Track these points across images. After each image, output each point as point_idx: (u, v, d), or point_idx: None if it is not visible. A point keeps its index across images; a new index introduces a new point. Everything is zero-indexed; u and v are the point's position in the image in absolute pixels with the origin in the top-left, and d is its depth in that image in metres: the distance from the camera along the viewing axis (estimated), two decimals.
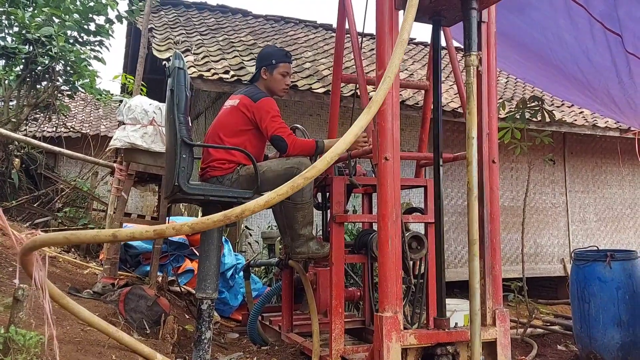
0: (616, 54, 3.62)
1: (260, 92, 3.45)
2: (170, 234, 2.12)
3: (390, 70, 2.34)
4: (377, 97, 2.32)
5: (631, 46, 3.48)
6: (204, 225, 2.08)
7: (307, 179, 2.19)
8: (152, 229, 2.01)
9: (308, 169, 2.20)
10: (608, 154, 9.18)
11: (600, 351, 3.89)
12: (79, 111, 13.96)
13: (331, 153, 2.23)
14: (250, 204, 2.10)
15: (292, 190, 2.15)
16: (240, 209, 2.07)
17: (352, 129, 2.27)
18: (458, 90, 3.54)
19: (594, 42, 3.61)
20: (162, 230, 2.08)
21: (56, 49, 6.18)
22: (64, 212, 6.37)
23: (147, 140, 3.94)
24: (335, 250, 3.24)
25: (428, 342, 2.70)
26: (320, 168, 2.21)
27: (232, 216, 2.06)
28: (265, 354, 3.62)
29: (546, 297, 7.76)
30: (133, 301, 3.40)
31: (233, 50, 7.55)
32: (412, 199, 7.16)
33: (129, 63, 9.98)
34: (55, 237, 2.13)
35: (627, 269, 3.94)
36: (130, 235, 2.07)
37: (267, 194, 2.14)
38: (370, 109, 2.30)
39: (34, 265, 2.04)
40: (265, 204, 2.11)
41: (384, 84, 2.33)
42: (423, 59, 9.72)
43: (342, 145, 2.25)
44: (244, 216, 2.10)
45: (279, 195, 2.12)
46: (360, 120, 2.28)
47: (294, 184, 2.14)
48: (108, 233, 2.07)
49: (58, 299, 2.31)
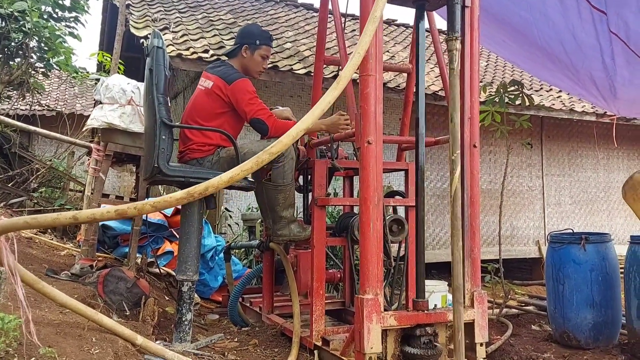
0: (601, 33, 3.64)
1: (235, 72, 3.39)
2: (132, 214, 2.10)
3: (360, 47, 2.33)
4: (345, 73, 2.32)
5: (614, 26, 3.50)
6: (167, 203, 2.06)
7: (273, 154, 2.19)
8: (113, 209, 1.98)
9: (273, 144, 2.20)
10: (584, 138, 9.33)
11: (574, 331, 4.00)
12: (53, 89, 13.63)
13: (296, 128, 2.23)
14: (214, 180, 2.09)
15: (257, 166, 2.15)
16: (203, 185, 2.05)
17: (319, 104, 2.27)
18: (440, 73, 3.54)
19: (580, 20, 3.61)
20: (124, 210, 2.06)
21: (30, 25, 6.00)
22: (39, 193, 6.26)
23: (125, 120, 3.87)
24: (316, 233, 3.25)
25: (408, 324, 2.75)
26: (286, 142, 2.21)
27: (195, 193, 2.04)
28: (246, 335, 3.63)
29: (521, 278, 7.93)
30: (112, 283, 3.37)
31: (212, 28, 7.43)
32: (392, 182, 7.21)
33: (105, 40, 9.76)
34: (16, 222, 2.09)
35: (601, 252, 4.03)
36: (91, 216, 2.04)
37: (231, 170, 2.13)
38: (338, 84, 2.29)
39: (2, 250, 2.00)
40: (229, 179, 2.10)
41: (353, 59, 2.33)
42: (404, 40, 9.69)
43: (309, 119, 2.25)
44: (207, 193, 2.08)
45: (243, 170, 2.11)
46: (328, 95, 2.27)
47: (259, 159, 2.14)
48: (68, 215, 2.05)
49: (32, 284, 2.27)
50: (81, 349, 2.18)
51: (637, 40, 3.58)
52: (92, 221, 2.88)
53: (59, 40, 6.42)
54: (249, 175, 3.65)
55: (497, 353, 3.86)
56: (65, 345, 2.14)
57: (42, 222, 2.06)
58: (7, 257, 2.01)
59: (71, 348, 2.14)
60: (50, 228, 5.30)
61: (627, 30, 3.51)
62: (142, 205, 2.03)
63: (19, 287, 2.00)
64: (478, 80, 2.97)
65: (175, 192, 2.04)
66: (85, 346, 2.22)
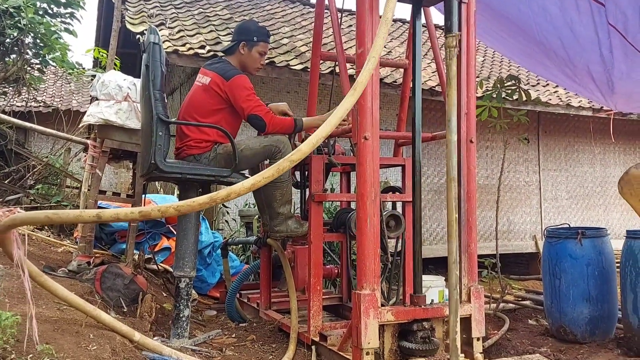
0: (599, 26, 3.63)
1: (233, 68, 3.39)
2: (155, 216, 2.10)
3: (374, 51, 2.33)
4: (361, 79, 2.31)
5: (612, 18, 3.49)
6: (190, 207, 2.06)
7: (293, 162, 2.18)
8: (137, 210, 1.98)
9: (294, 152, 2.19)
10: (581, 133, 9.35)
11: (570, 325, 4.02)
12: (49, 85, 13.58)
13: (316, 136, 2.22)
14: (236, 186, 2.08)
15: (278, 173, 2.14)
16: (226, 191, 2.05)
17: (337, 112, 2.26)
18: (437, 69, 3.54)
19: (579, 13, 3.61)
20: (148, 212, 2.06)
21: (25, 21, 5.96)
22: (36, 189, 6.23)
23: (122, 116, 3.86)
24: (313, 228, 3.25)
25: (405, 319, 2.76)
26: (305, 151, 2.21)
27: (218, 199, 2.05)
28: (244, 331, 3.64)
29: (518, 273, 7.94)
30: (109, 279, 3.37)
31: (209, 24, 7.40)
32: (389, 177, 7.22)
33: (101, 36, 9.72)
34: (36, 216, 2.08)
35: (598, 246, 4.05)
36: (114, 216, 2.04)
37: (253, 177, 2.13)
38: (355, 91, 2.29)
39: (13, 243, 2.00)
40: (251, 186, 2.10)
41: (368, 64, 2.32)
42: (401, 36, 9.68)
43: (328, 128, 2.24)
44: (230, 199, 2.09)
45: (265, 178, 2.11)
46: (345, 102, 2.27)
47: (280, 167, 2.13)
48: (92, 213, 2.03)
49: (36, 277, 2.27)
50: (79, 345, 2.18)
51: (635, 33, 3.57)
52: (115, 221, 2.90)
53: (55, 37, 6.37)
54: (247, 172, 3.65)
55: (494, 347, 3.88)
56: (63, 342, 2.14)
57: (64, 218, 2.04)
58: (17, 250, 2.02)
59: (69, 345, 2.14)
60: (71, 224, 5.28)
61: (626, 22, 3.50)
62: (166, 208, 2.03)
63: (26, 281, 2.00)
64: (475, 75, 2.98)
65: (198, 197, 2.04)
66: (83, 343, 2.22)
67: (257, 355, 3.16)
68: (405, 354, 2.77)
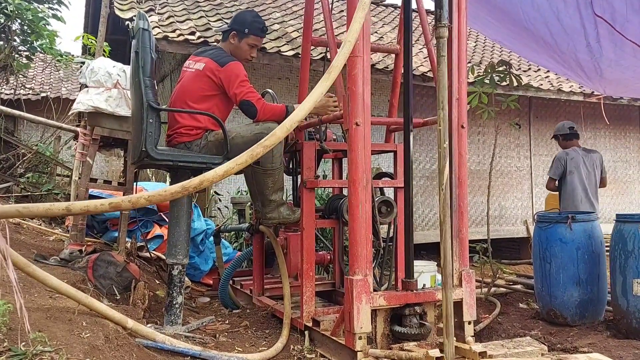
0: (585, 17, 3.64)
1: (227, 55, 3.38)
2: (126, 207, 2.10)
3: (350, 35, 2.32)
4: (336, 62, 2.30)
5: (599, 9, 3.50)
6: (161, 197, 2.06)
7: (267, 147, 2.18)
8: (107, 202, 1.98)
9: (267, 137, 2.19)
10: (572, 118, 9.36)
11: (560, 308, 4.07)
12: (38, 72, 13.42)
13: (290, 120, 2.22)
14: (209, 174, 2.08)
15: (252, 159, 2.13)
16: (198, 179, 2.05)
17: (311, 96, 2.26)
18: (428, 54, 3.53)
19: (565, 4, 3.61)
20: (118, 203, 2.05)
21: (12, 7, 5.88)
22: (26, 178, 6.20)
23: (112, 103, 3.83)
24: (306, 215, 3.26)
25: (397, 304, 2.78)
26: (280, 135, 2.20)
27: (190, 187, 2.04)
28: (237, 318, 3.66)
29: (509, 258, 8.02)
30: (102, 267, 3.37)
31: (199, 10, 7.33)
32: (381, 164, 7.22)
33: (89, 22, 9.59)
34: (8, 210, 2.07)
35: (587, 230, 4.09)
36: (84, 208, 2.03)
37: (226, 163, 2.12)
38: (330, 75, 2.28)
39: None
40: (224, 173, 2.09)
41: (343, 48, 2.32)
42: (393, 21, 9.63)
43: (301, 113, 2.24)
44: (202, 187, 2.08)
45: (237, 164, 2.10)
46: (319, 87, 2.26)
47: (253, 152, 2.13)
48: (62, 206, 2.03)
49: (23, 267, 2.26)
50: (71, 333, 2.18)
51: (623, 22, 3.58)
52: (86, 213, 2.86)
53: (42, 23, 6.30)
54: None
55: (486, 331, 3.93)
56: (56, 330, 2.15)
57: (35, 212, 2.05)
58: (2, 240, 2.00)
59: (61, 332, 2.14)
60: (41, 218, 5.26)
61: (613, 12, 3.51)
62: (137, 198, 2.02)
63: (11, 271, 1.98)
64: (466, 61, 2.97)
65: (170, 186, 2.03)
66: (76, 330, 2.22)
67: (251, 341, 3.17)
68: (398, 338, 2.80)
